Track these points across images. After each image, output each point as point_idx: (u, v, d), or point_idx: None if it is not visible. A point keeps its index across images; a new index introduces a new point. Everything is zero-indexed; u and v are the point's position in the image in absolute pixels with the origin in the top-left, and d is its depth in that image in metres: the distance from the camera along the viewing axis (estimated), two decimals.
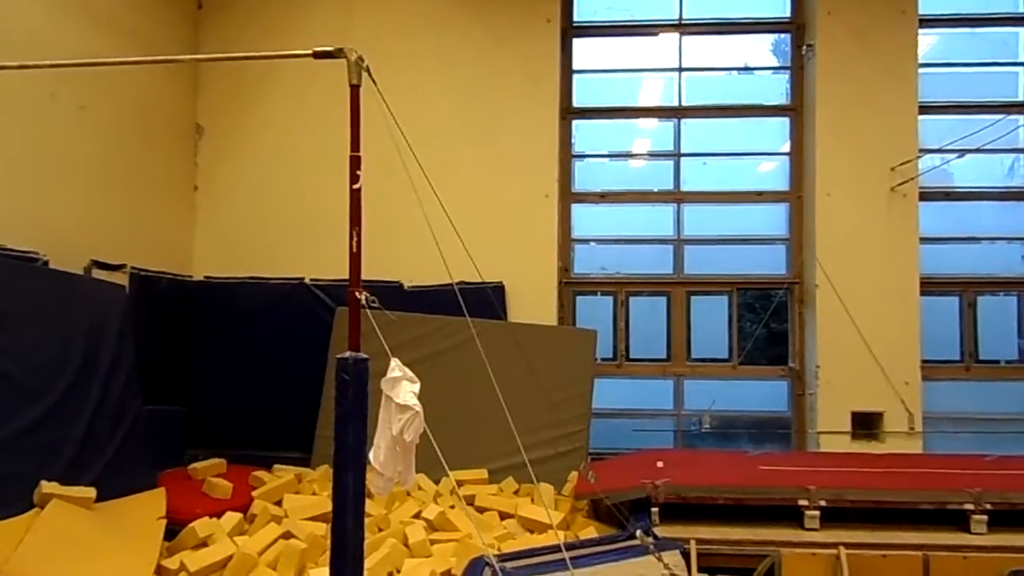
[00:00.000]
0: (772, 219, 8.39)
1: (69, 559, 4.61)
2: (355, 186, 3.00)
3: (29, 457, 5.08)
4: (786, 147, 8.35)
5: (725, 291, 8.26)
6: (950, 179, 8.21)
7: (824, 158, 7.78)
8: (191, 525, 5.39)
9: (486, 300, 6.97)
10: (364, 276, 3.26)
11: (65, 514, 4.86)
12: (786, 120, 8.35)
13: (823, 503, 5.50)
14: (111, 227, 6.82)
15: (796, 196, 8.22)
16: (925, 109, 7.86)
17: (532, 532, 5.77)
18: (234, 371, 7.79)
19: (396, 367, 3.05)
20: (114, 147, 6.90)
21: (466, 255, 5.11)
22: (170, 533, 5.42)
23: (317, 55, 3.10)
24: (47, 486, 4.97)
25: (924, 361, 7.64)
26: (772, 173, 8.50)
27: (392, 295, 7.43)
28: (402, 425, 2.93)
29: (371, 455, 3.02)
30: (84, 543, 4.79)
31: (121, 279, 6.80)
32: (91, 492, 5.16)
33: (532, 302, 7.76)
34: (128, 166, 7.10)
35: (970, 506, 5.45)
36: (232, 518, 5.66)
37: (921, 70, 7.83)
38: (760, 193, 8.38)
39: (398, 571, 5.03)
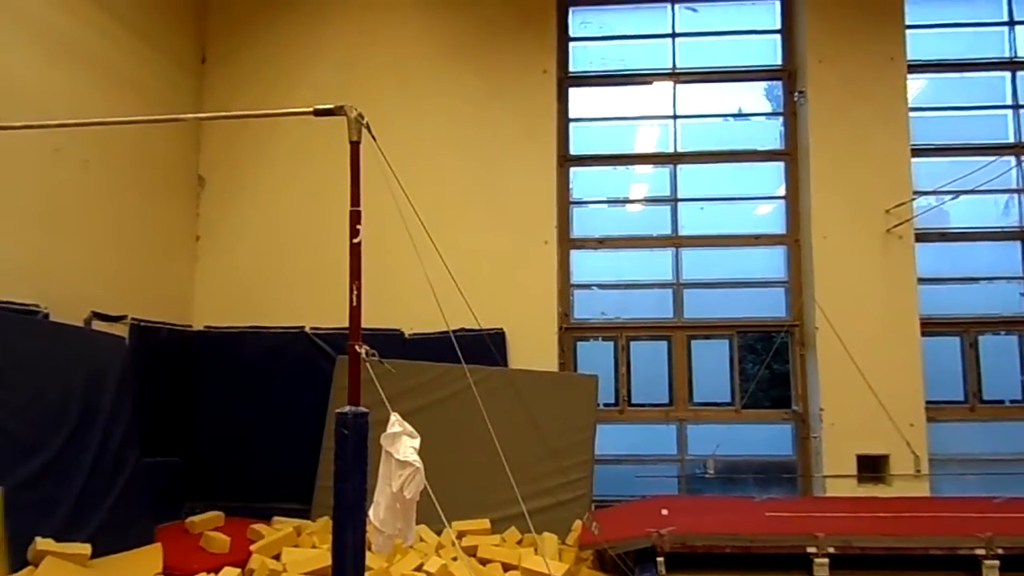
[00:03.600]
0: (770, 262, 8.43)
1: None
2: (355, 240, 3.02)
3: (25, 512, 5.01)
4: (781, 191, 8.44)
5: (726, 334, 8.26)
6: (945, 220, 8.27)
7: (819, 201, 7.86)
8: None
9: (486, 347, 6.97)
10: (365, 324, 3.27)
11: (60, 572, 4.77)
12: (781, 164, 8.46)
13: (832, 550, 5.41)
14: (112, 278, 6.85)
15: (793, 239, 8.27)
16: (917, 152, 7.97)
17: None
18: (233, 421, 7.73)
19: (396, 422, 3.03)
20: (117, 199, 6.97)
21: (466, 303, 5.14)
22: None
23: (318, 112, 3.16)
24: (42, 543, 4.90)
25: (928, 402, 7.60)
26: (769, 216, 8.57)
27: (393, 343, 7.44)
28: (402, 481, 2.90)
29: (371, 512, 2.98)
30: None
31: (121, 330, 6.80)
32: (86, 548, 5.08)
33: (532, 348, 7.75)
34: (130, 217, 7.16)
35: (981, 551, 5.35)
36: (230, 573, 5.55)
37: (912, 114, 7.97)
38: (757, 236, 8.44)
39: None
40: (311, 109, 3.21)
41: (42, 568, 4.72)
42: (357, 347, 2.97)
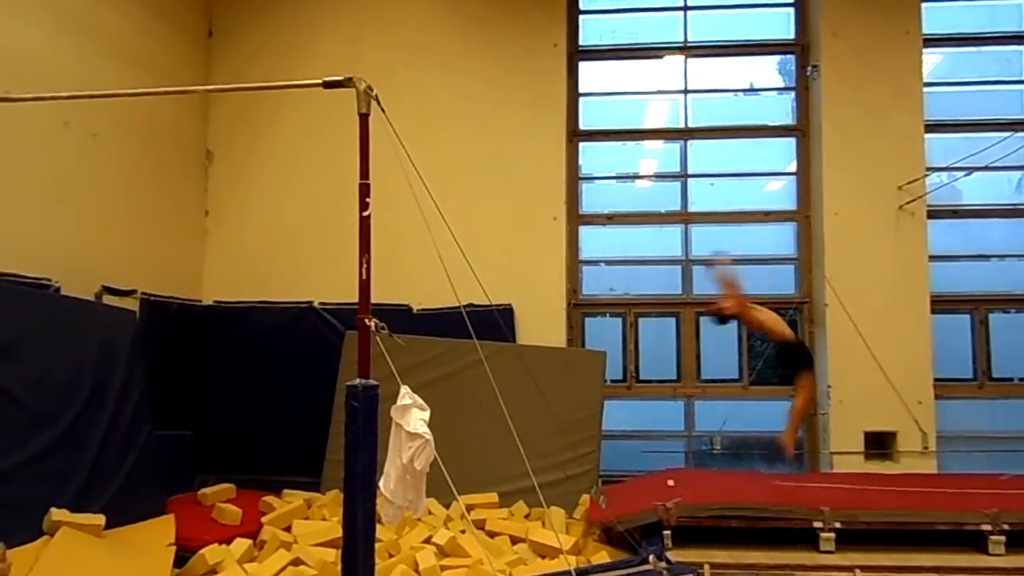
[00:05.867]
0: (780, 239, 8.39)
1: None
2: (364, 213, 3.02)
3: (39, 484, 5.08)
4: (793, 167, 8.37)
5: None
6: (958, 196, 8.20)
7: (831, 177, 7.79)
8: (200, 552, 5.35)
9: (495, 322, 6.96)
10: (373, 300, 3.27)
11: (74, 542, 4.83)
12: (792, 140, 8.37)
13: (838, 525, 5.45)
14: (122, 253, 6.88)
15: (804, 216, 8.22)
16: (931, 128, 7.87)
17: (544, 557, 5.71)
18: (243, 395, 7.79)
19: (406, 394, 3.05)
20: (125, 174, 6.98)
21: (474, 278, 5.13)
22: (180, 560, 5.38)
23: (327, 84, 3.13)
24: (56, 513, 4.96)
25: (937, 379, 7.59)
26: (779, 193, 8.51)
27: (401, 318, 7.44)
28: (412, 453, 2.92)
29: (381, 483, 3.01)
30: (94, 571, 4.77)
31: (132, 304, 6.83)
32: (100, 519, 5.14)
33: (541, 324, 7.76)
34: (139, 192, 7.17)
35: (987, 527, 5.38)
36: (241, 544, 5.63)
37: (926, 89, 7.86)
38: (767, 213, 8.39)
39: None
40: (320, 81, 3.18)
41: (57, 538, 4.78)
42: (367, 320, 2.97)
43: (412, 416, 2.98)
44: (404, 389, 3.07)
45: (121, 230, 6.88)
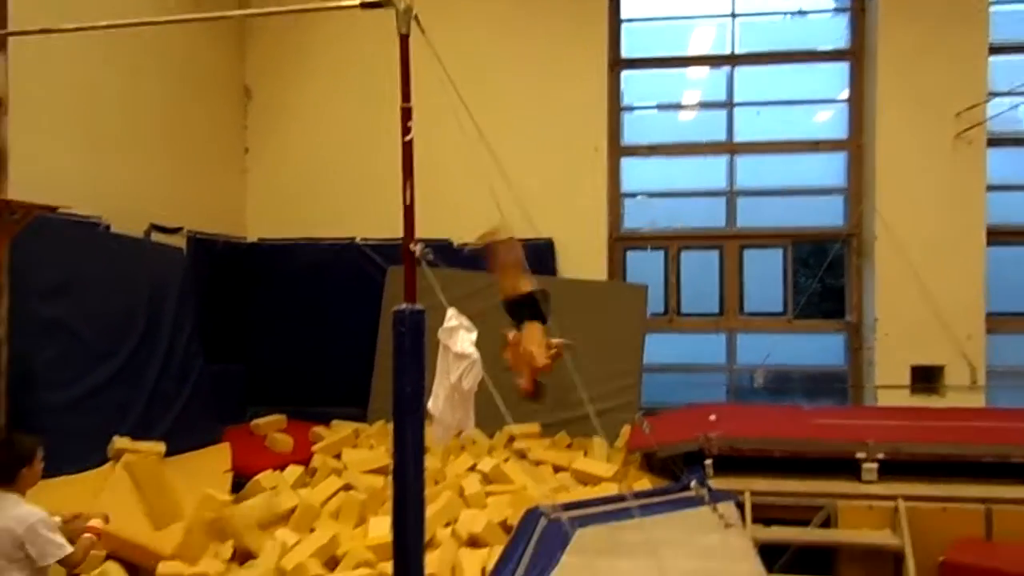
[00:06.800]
0: (829, 169, 8.13)
1: (148, 500, 4.86)
2: (407, 138, 2.97)
3: (101, 414, 5.33)
4: (844, 94, 8.04)
5: (779, 244, 8.06)
6: (1021, 124, 7.80)
7: (885, 104, 7.47)
8: (256, 477, 5.59)
9: (536, 256, 6.93)
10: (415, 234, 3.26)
11: (139, 466, 5.07)
12: (845, 65, 8.02)
13: (881, 456, 5.40)
14: (167, 191, 6.97)
15: (855, 145, 7.92)
16: (995, 50, 7.45)
17: (586, 484, 5.81)
18: (289, 330, 7.97)
19: (453, 316, 3.07)
20: (166, 112, 7.02)
21: (516, 210, 5.08)
22: (235, 486, 5.63)
23: (364, 5, 3.05)
24: (120, 441, 5.20)
25: (990, 314, 7.38)
26: (829, 122, 8.21)
27: (441, 253, 7.41)
28: (460, 373, 2.96)
29: (430, 404, 3.06)
30: (158, 492, 5.00)
31: (179, 242, 6.97)
32: (161, 446, 5.38)
33: (582, 258, 7.71)
34: (180, 130, 7.22)
35: None
36: (295, 471, 5.85)
37: (992, 7, 7.40)
38: (817, 143, 8.11)
39: (455, 521, 5.13)
40: (357, 3, 3.11)
41: (123, 462, 5.02)
42: (412, 246, 2.97)
43: (459, 337, 3.01)
44: (451, 311, 3.09)
45: (164, 169, 6.96)
